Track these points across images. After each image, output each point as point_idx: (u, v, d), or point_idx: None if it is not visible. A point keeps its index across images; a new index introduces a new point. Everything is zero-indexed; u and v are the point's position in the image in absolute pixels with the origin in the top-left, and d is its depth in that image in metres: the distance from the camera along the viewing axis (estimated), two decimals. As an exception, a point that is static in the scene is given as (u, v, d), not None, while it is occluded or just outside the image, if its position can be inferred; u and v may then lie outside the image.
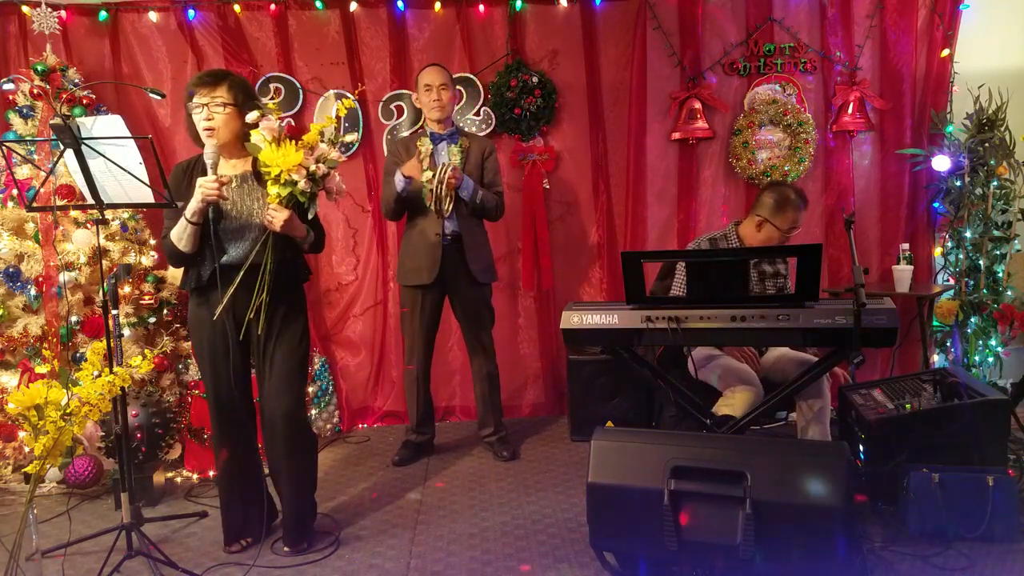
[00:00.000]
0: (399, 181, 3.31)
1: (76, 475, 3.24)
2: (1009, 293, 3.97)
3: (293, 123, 3.87)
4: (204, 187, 2.36)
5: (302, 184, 2.36)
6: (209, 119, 2.42)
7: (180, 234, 2.45)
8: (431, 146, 3.38)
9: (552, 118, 4.09)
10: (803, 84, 4.12)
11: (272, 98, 3.90)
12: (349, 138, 2.48)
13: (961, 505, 2.53)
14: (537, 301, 4.23)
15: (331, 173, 2.46)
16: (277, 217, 2.40)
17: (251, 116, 2.42)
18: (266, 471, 2.77)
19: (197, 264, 2.51)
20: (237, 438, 2.64)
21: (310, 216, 2.49)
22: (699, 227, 4.18)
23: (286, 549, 2.67)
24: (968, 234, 3.99)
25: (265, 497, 2.71)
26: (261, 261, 2.43)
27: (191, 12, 3.85)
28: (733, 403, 2.78)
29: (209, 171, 2.39)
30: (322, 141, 2.44)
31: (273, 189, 2.38)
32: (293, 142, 2.37)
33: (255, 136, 2.38)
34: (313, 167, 2.38)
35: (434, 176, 3.22)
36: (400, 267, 3.54)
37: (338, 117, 2.70)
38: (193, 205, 2.39)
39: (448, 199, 3.25)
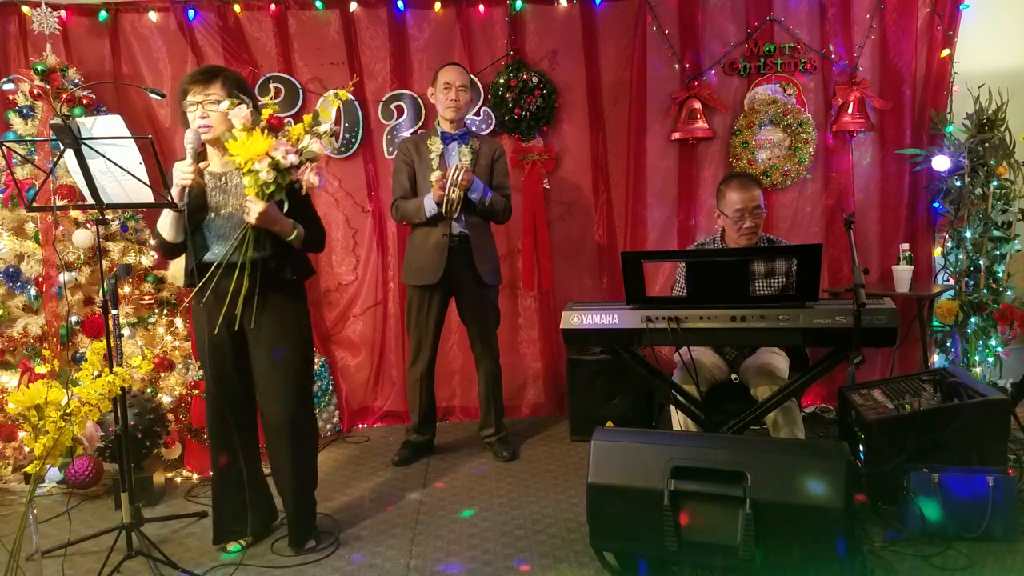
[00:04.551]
0: (430, 209, 3.30)
1: (76, 475, 3.23)
2: (1009, 293, 3.97)
3: (293, 122, 3.86)
4: (180, 171, 2.38)
5: (264, 174, 2.25)
6: (204, 116, 2.42)
7: (163, 220, 2.49)
8: (442, 146, 3.39)
9: (552, 118, 4.09)
10: (803, 84, 4.11)
11: (273, 97, 3.89)
12: (323, 128, 2.40)
13: (961, 505, 2.52)
14: (537, 301, 4.23)
15: (305, 164, 2.32)
16: (252, 209, 2.34)
17: (223, 105, 2.37)
18: (266, 471, 2.76)
19: (189, 261, 2.52)
20: (230, 438, 2.62)
21: (284, 209, 2.40)
22: (699, 227, 4.18)
23: (291, 551, 2.65)
24: (968, 234, 3.98)
25: (246, 499, 2.66)
26: (240, 259, 2.39)
27: (191, 12, 3.85)
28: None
29: (188, 156, 2.40)
30: (307, 132, 2.35)
31: (247, 180, 2.30)
32: (271, 133, 2.28)
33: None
34: (280, 157, 2.26)
35: (443, 176, 3.22)
36: (406, 267, 3.54)
37: (338, 110, 2.64)
38: (172, 190, 2.41)
39: (457, 201, 3.25)
